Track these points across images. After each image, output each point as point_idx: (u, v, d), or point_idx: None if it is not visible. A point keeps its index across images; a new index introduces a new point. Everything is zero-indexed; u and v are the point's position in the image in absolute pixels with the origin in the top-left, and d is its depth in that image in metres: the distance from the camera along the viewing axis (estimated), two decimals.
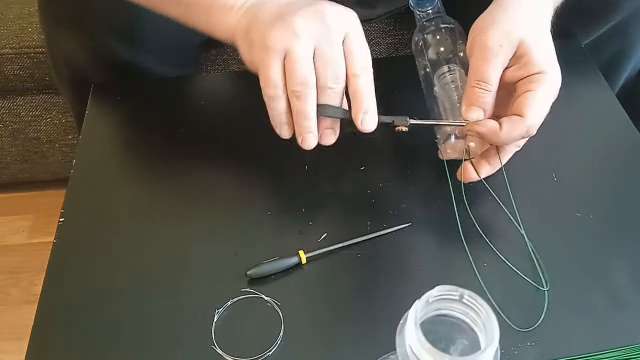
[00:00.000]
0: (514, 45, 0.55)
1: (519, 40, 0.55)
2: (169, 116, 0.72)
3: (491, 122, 0.55)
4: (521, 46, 0.55)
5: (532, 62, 0.55)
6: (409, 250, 0.59)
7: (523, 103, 0.55)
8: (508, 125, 0.55)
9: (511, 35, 0.55)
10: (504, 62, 0.55)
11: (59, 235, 0.60)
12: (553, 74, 0.56)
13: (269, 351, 0.52)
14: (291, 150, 0.67)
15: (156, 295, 0.56)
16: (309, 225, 0.61)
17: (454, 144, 0.60)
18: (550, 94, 0.56)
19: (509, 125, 0.55)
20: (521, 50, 0.55)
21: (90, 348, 0.53)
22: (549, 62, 0.56)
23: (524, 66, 0.55)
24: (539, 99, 0.55)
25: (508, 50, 0.55)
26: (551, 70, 0.55)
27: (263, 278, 0.56)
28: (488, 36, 0.55)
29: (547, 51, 0.56)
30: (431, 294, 0.34)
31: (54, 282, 0.57)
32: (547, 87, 0.55)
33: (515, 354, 0.51)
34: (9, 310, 1.20)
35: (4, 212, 1.36)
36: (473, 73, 0.56)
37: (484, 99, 0.55)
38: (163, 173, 0.67)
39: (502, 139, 0.55)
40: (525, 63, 0.55)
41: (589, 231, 0.60)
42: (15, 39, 1.06)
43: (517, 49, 0.55)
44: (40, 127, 1.20)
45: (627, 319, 0.53)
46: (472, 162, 0.60)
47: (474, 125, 0.56)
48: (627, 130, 0.69)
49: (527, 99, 0.55)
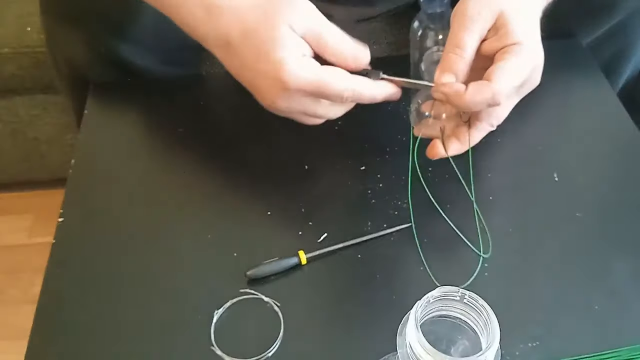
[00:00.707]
0: (494, 14, 0.55)
1: (498, 11, 0.55)
2: (169, 116, 0.72)
3: (457, 85, 0.55)
4: (500, 17, 0.55)
5: (510, 33, 0.54)
6: (409, 250, 0.59)
7: (493, 70, 0.54)
8: (473, 88, 0.54)
9: (491, 5, 0.55)
10: (481, 31, 0.55)
11: (59, 235, 0.60)
12: (530, 46, 0.55)
13: (269, 351, 0.52)
14: (291, 150, 0.68)
15: (156, 295, 0.56)
16: (309, 225, 0.60)
17: (428, 123, 0.60)
18: (525, 65, 0.55)
19: (475, 89, 0.54)
20: (500, 21, 0.55)
21: (90, 348, 0.53)
22: (528, 34, 0.55)
23: (501, 37, 0.55)
24: (509, 67, 0.54)
25: (487, 18, 0.55)
26: (528, 42, 0.55)
27: (263, 278, 0.56)
28: (467, 4, 0.55)
29: (527, 24, 0.56)
30: (432, 295, 0.34)
31: (53, 282, 0.57)
32: (522, 58, 0.54)
33: (516, 354, 0.51)
34: (9, 310, 1.20)
35: (4, 212, 1.36)
36: (450, 40, 0.56)
37: (457, 65, 0.55)
38: (163, 173, 0.67)
39: (466, 101, 0.54)
40: (504, 34, 0.55)
41: (589, 231, 0.60)
42: (15, 38, 1.06)
43: (496, 19, 0.55)
44: (39, 126, 1.20)
45: (628, 320, 0.53)
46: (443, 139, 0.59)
47: (440, 86, 0.55)
48: (629, 130, 0.69)
49: (498, 67, 0.54)
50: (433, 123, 0.60)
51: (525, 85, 0.58)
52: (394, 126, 0.64)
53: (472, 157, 0.60)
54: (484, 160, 0.63)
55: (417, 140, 0.60)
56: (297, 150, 0.67)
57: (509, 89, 0.55)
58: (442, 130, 0.59)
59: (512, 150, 0.67)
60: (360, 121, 0.62)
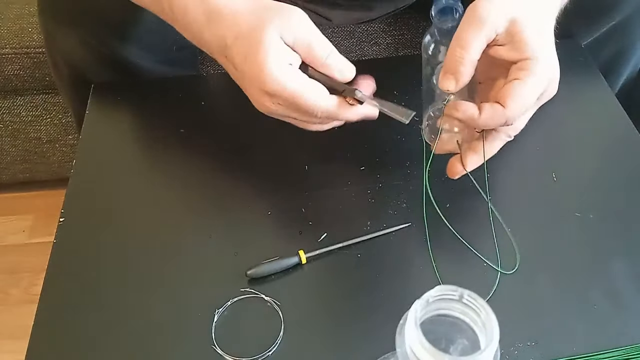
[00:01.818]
0: (506, 19, 0.53)
1: (511, 17, 0.53)
2: (169, 116, 0.72)
3: (469, 109, 0.54)
4: (514, 24, 0.53)
5: (525, 44, 0.53)
6: (409, 250, 0.59)
7: (508, 92, 0.53)
8: (487, 113, 0.53)
9: (505, 9, 0.53)
10: (489, 33, 0.53)
11: (59, 235, 0.60)
12: (545, 62, 0.54)
13: (269, 351, 0.52)
14: (291, 150, 0.68)
15: (156, 295, 0.56)
16: (309, 225, 0.61)
17: (444, 138, 0.59)
18: (539, 84, 0.54)
19: (488, 114, 0.53)
20: (514, 28, 0.53)
21: (90, 348, 0.53)
22: (543, 47, 0.54)
23: (516, 46, 0.53)
24: (524, 90, 0.53)
25: (497, 21, 0.53)
26: (544, 57, 0.54)
27: (263, 278, 0.56)
28: (479, 4, 0.54)
29: (542, 34, 0.55)
30: (431, 294, 0.34)
31: (54, 282, 0.57)
32: (537, 77, 0.53)
33: (515, 354, 0.51)
34: (9, 310, 1.20)
35: (4, 212, 1.36)
36: (455, 38, 0.54)
37: (459, 66, 0.53)
38: (163, 173, 0.67)
39: (480, 125, 0.54)
40: (518, 43, 0.53)
41: (588, 231, 0.60)
42: (15, 39, 1.06)
43: (509, 26, 0.53)
44: (40, 127, 1.20)
45: (626, 319, 0.53)
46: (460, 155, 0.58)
47: (453, 112, 0.54)
48: (627, 130, 0.69)
49: (513, 88, 0.53)
50: (449, 138, 0.58)
51: (542, 97, 0.58)
52: (394, 126, 0.63)
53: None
54: None
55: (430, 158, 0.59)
56: (297, 150, 0.67)
57: (523, 110, 0.54)
58: (459, 145, 0.58)
59: (511, 150, 0.67)
60: (360, 121, 0.62)
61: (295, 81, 0.55)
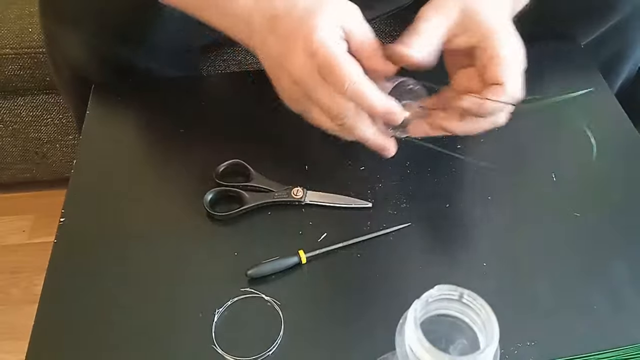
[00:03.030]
0: (456, 10, 0.54)
1: (462, 6, 0.54)
2: (170, 117, 0.72)
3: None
4: (465, 12, 0.54)
5: (480, 23, 0.54)
6: (409, 250, 0.59)
7: (494, 70, 0.53)
8: (492, 95, 0.53)
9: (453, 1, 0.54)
10: (442, 21, 0.54)
11: (59, 235, 0.60)
12: (505, 32, 0.54)
13: (269, 351, 0.52)
14: (291, 150, 0.68)
15: (157, 294, 0.56)
16: (309, 225, 0.61)
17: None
18: (513, 52, 0.54)
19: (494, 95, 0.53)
20: (466, 16, 0.54)
21: (90, 348, 0.53)
22: (499, 23, 0.54)
23: (474, 30, 0.54)
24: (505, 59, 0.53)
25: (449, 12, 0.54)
26: (503, 27, 0.54)
27: (263, 278, 0.56)
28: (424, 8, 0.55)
29: (496, 16, 0.55)
30: (431, 294, 0.34)
31: (54, 282, 0.57)
32: (506, 46, 0.53)
33: (514, 353, 0.51)
34: (9, 310, 1.20)
35: (4, 212, 1.36)
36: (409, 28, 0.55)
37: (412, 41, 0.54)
38: (163, 173, 0.67)
39: (489, 110, 0.54)
40: (474, 25, 0.54)
41: (588, 231, 0.60)
42: (15, 39, 1.06)
43: (461, 15, 0.54)
44: (40, 127, 1.20)
45: (626, 319, 0.53)
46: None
47: (457, 100, 0.54)
48: (627, 130, 0.69)
49: (496, 64, 0.53)
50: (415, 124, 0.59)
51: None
52: None
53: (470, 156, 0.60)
54: (482, 160, 0.64)
55: None
56: (297, 150, 0.67)
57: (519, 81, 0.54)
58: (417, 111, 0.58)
59: (510, 150, 0.67)
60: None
61: (340, 48, 0.54)
